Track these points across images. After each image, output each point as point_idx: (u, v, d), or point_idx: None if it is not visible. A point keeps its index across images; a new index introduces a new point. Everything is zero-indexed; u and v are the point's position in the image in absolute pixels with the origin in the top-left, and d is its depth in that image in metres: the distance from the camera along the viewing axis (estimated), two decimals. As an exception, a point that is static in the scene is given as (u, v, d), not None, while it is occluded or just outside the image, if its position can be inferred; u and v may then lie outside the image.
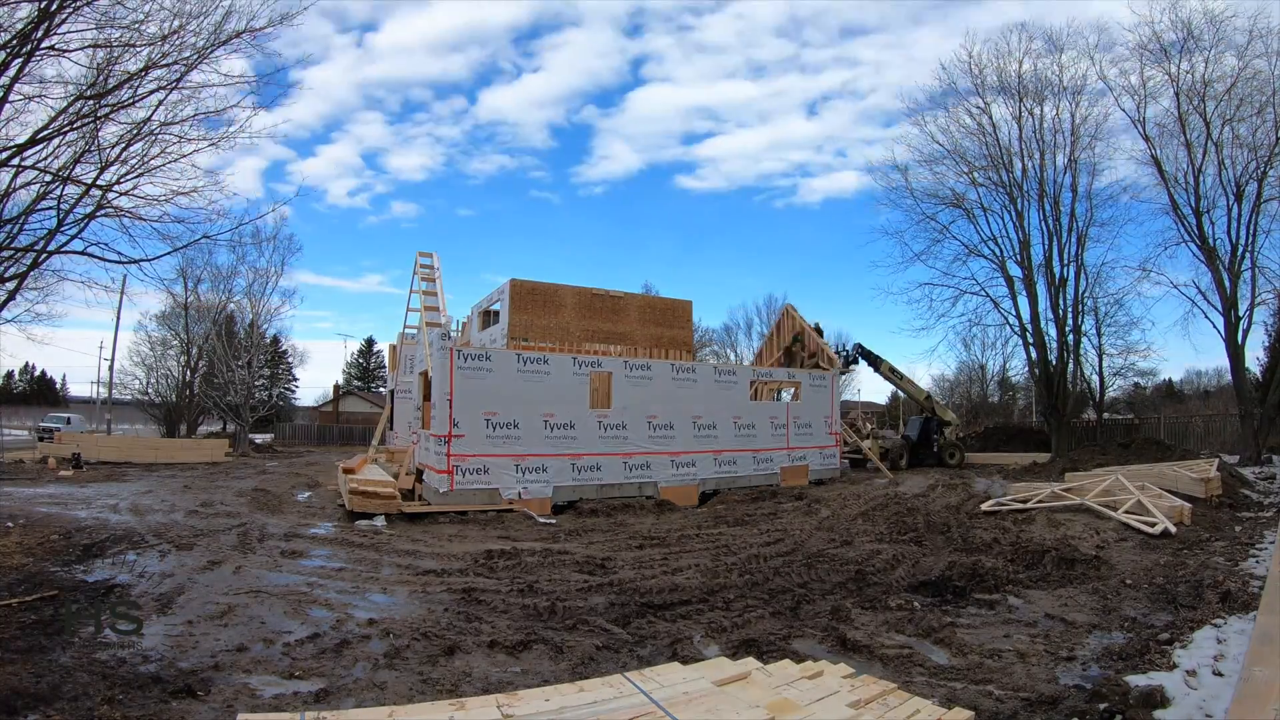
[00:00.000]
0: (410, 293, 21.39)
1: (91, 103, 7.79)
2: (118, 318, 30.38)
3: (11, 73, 7.30)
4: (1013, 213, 22.56)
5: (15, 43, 7.11)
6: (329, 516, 11.64)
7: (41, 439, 26.71)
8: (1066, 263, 22.20)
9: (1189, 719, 3.61)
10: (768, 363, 21.47)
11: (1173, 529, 9.06)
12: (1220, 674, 4.09)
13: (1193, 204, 20.05)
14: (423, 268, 20.17)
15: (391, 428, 22.84)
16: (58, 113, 7.76)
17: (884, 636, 5.28)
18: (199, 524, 10.10)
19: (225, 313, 31.22)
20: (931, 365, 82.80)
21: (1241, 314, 19.72)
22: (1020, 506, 10.80)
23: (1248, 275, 19.69)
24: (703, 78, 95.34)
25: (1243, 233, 19.57)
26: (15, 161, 7.60)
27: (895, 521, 10.14)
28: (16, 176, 7.80)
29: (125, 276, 11.76)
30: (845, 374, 21.86)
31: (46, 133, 7.65)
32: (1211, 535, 9.14)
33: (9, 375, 58.79)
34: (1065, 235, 22.20)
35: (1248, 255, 19.62)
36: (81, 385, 57.26)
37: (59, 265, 9.33)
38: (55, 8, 7.14)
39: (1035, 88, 21.94)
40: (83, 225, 8.19)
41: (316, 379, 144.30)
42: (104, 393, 36.84)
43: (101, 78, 7.90)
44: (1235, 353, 19.96)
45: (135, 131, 8.25)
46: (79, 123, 7.81)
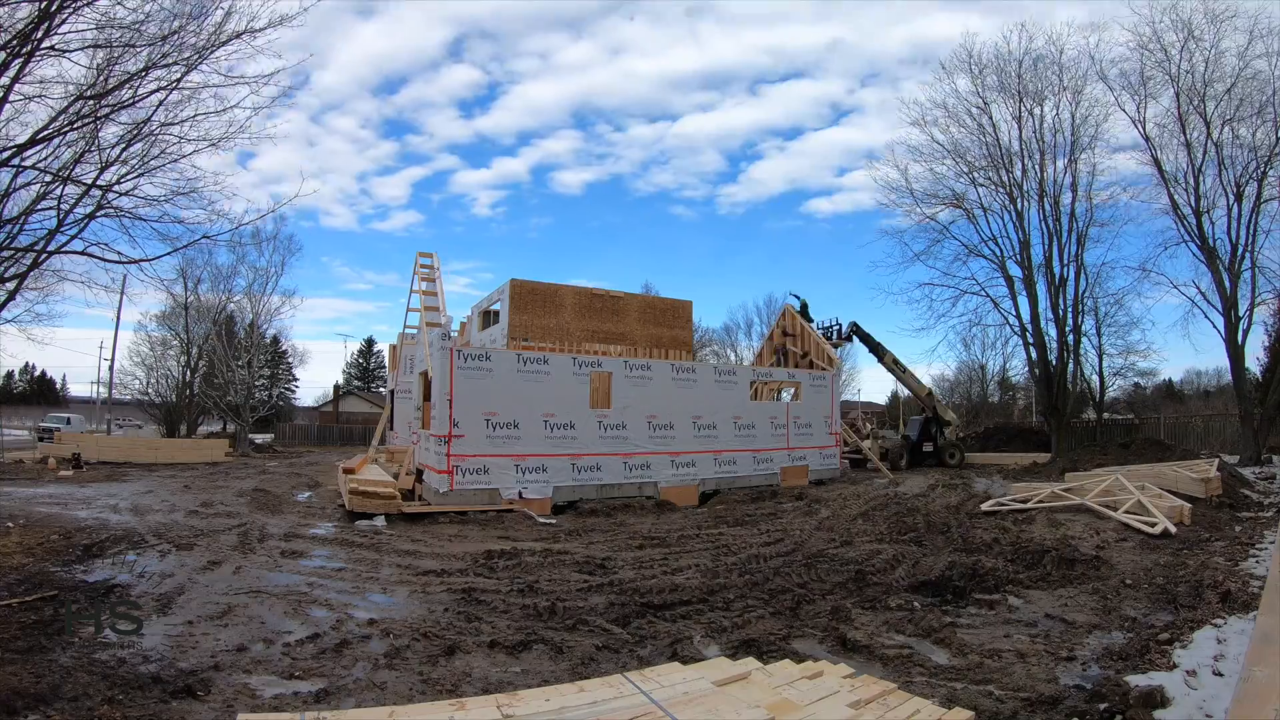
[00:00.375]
0: (410, 293, 21.39)
1: (91, 103, 7.78)
2: (118, 318, 30.41)
3: (11, 73, 7.29)
4: (1013, 213, 22.58)
5: (15, 43, 7.11)
6: (329, 517, 11.64)
7: (41, 439, 26.73)
8: (1066, 263, 22.23)
9: (1189, 719, 3.61)
10: (767, 363, 21.47)
11: (1173, 529, 9.06)
12: (1220, 674, 4.09)
13: (1193, 204, 20.07)
14: (423, 268, 20.14)
15: (391, 428, 22.84)
16: (58, 113, 7.75)
17: (884, 636, 5.28)
18: (199, 524, 10.10)
19: (225, 313, 31.23)
20: (931, 365, 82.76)
21: (1241, 314, 19.75)
22: (1020, 506, 10.81)
23: (1248, 275, 19.72)
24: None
25: (1243, 233, 19.60)
26: (15, 161, 7.60)
27: (895, 521, 10.14)
28: (16, 176, 7.80)
29: (125, 276, 11.74)
30: (839, 346, 21.97)
31: (46, 133, 7.64)
32: (1211, 535, 9.14)
33: (9, 375, 58.81)
34: (1065, 235, 22.23)
35: (1248, 255, 19.66)
36: (81, 385, 57.26)
37: (59, 265, 9.36)
38: (55, 8, 7.13)
39: (1035, 88, 21.96)
40: (83, 225, 8.19)
41: (317, 379, 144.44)
42: (104, 393, 36.86)
43: (101, 78, 7.90)
44: (1235, 353, 19.96)
45: (135, 132, 8.25)
46: (79, 123, 7.80)
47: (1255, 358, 21.99)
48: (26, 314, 11.00)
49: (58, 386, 63.63)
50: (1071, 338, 22.47)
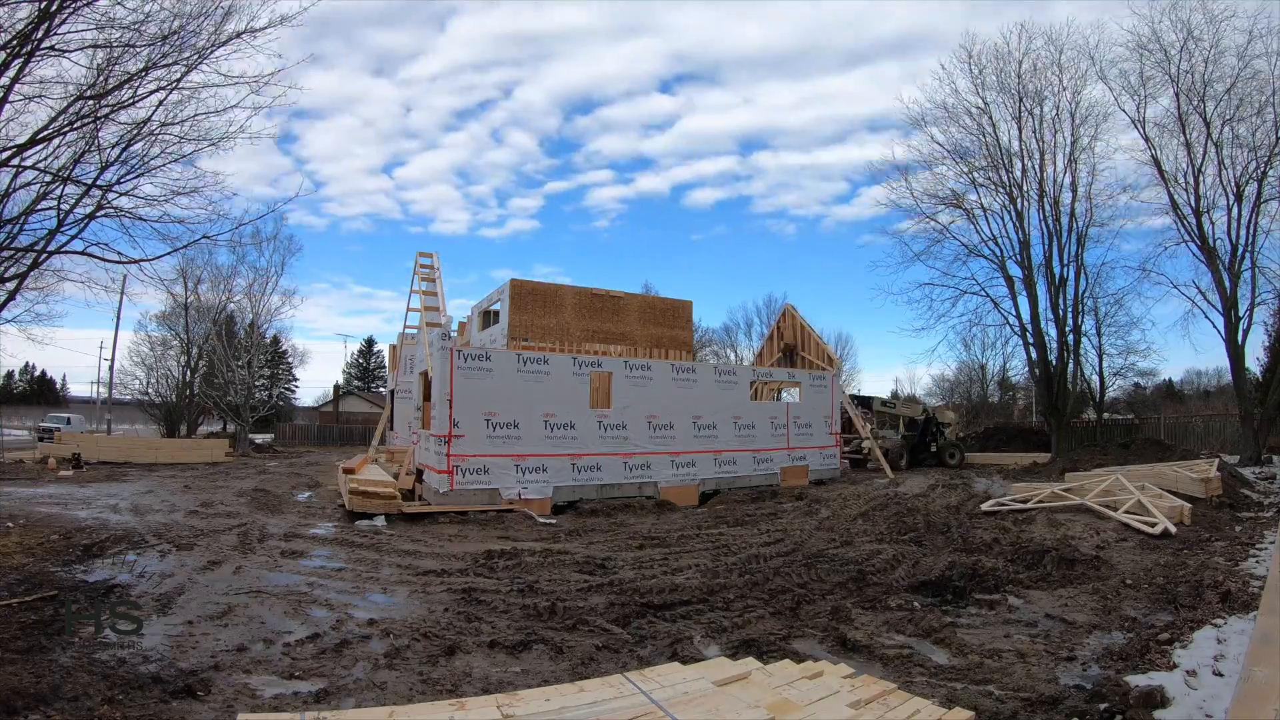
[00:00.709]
0: (410, 293, 21.39)
1: (91, 103, 7.78)
2: (118, 318, 30.47)
3: (11, 73, 7.29)
4: (1013, 213, 22.56)
5: (15, 43, 7.11)
6: (329, 517, 11.64)
7: (41, 439, 26.72)
8: (1066, 263, 22.22)
9: (1189, 719, 3.61)
10: (768, 363, 21.47)
11: (1173, 529, 9.06)
12: (1220, 674, 4.09)
13: (1193, 204, 20.06)
14: (423, 268, 20.14)
15: (391, 428, 22.84)
16: (58, 113, 7.75)
17: (884, 636, 5.28)
18: (199, 524, 10.10)
19: (225, 313, 31.23)
20: (931, 365, 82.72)
21: (1241, 314, 19.73)
22: (1020, 507, 10.81)
23: (1248, 275, 19.71)
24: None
25: (1243, 233, 19.59)
26: (15, 161, 7.59)
27: (895, 521, 10.14)
28: (16, 176, 7.80)
29: (125, 276, 11.75)
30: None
31: (46, 133, 7.64)
32: (1211, 535, 9.14)
33: (9, 375, 58.81)
34: (1065, 235, 22.21)
35: (1248, 255, 19.65)
36: (81, 385, 57.21)
37: (59, 265, 9.35)
38: (55, 8, 7.13)
39: (1035, 88, 21.96)
40: (83, 225, 8.18)
41: (317, 379, 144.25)
42: (104, 393, 36.85)
43: (101, 78, 7.90)
44: (1235, 353, 19.95)
45: (135, 132, 8.25)
46: (79, 123, 7.80)
47: (1255, 358, 22.03)
48: (26, 314, 10.98)
49: (58, 386, 63.64)
50: (1071, 338, 22.49)
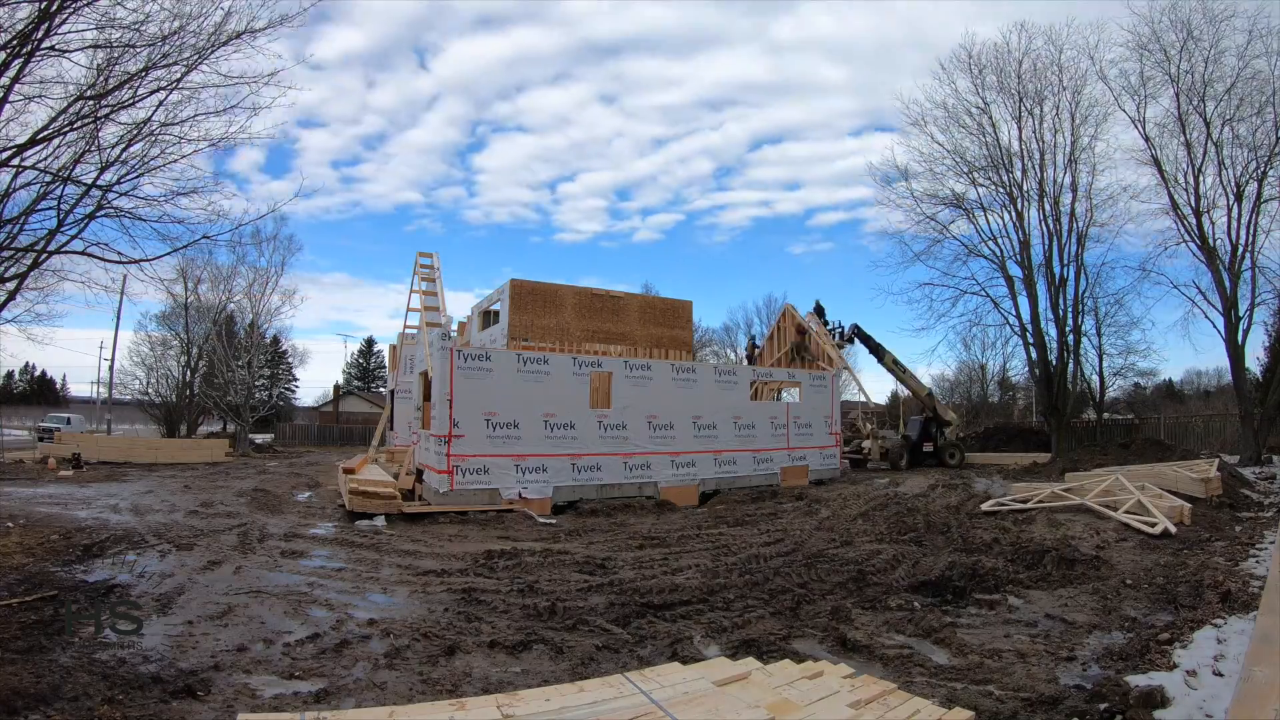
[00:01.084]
0: (410, 293, 21.40)
1: (91, 103, 7.78)
2: (118, 318, 30.46)
3: (11, 73, 7.28)
4: (1013, 213, 22.58)
5: (15, 43, 7.10)
6: (329, 517, 11.64)
7: (41, 439, 26.72)
8: (1066, 263, 22.23)
9: (1189, 719, 3.61)
10: (768, 363, 21.46)
11: (1173, 529, 9.06)
12: (1220, 674, 4.09)
13: (1193, 204, 20.07)
14: (423, 268, 20.13)
15: (392, 428, 22.83)
16: (58, 113, 7.74)
17: (884, 636, 5.28)
18: (199, 524, 10.10)
19: (225, 313, 31.22)
20: (931, 365, 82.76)
21: (1241, 314, 19.75)
22: (1020, 507, 10.80)
23: (1248, 275, 19.72)
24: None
25: (1243, 233, 19.61)
26: (15, 161, 7.59)
27: (895, 521, 10.13)
28: (16, 176, 7.79)
29: (125, 276, 11.72)
30: (841, 348, 22.03)
31: (46, 133, 7.64)
32: (1212, 535, 9.14)
33: (9, 375, 58.75)
34: (1065, 235, 22.22)
35: (1248, 255, 19.66)
36: (81, 385, 57.15)
37: (59, 265, 9.32)
38: (55, 8, 7.13)
39: (1035, 88, 21.96)
40: (83, 225, 8.18)
41: (317, 378, 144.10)
42: (104, 393, 36.86)
43: (101, 78, 7.89)
44: (1235, 353, 19.96)
45: (135, 132, 8.24)
46: (79, 123, 7.80)
47: (1255, 358, 22.04)
48: (26, 314, 10.96)
49: (58, 386, 63.62)
50: (1071, 338, 22.49)
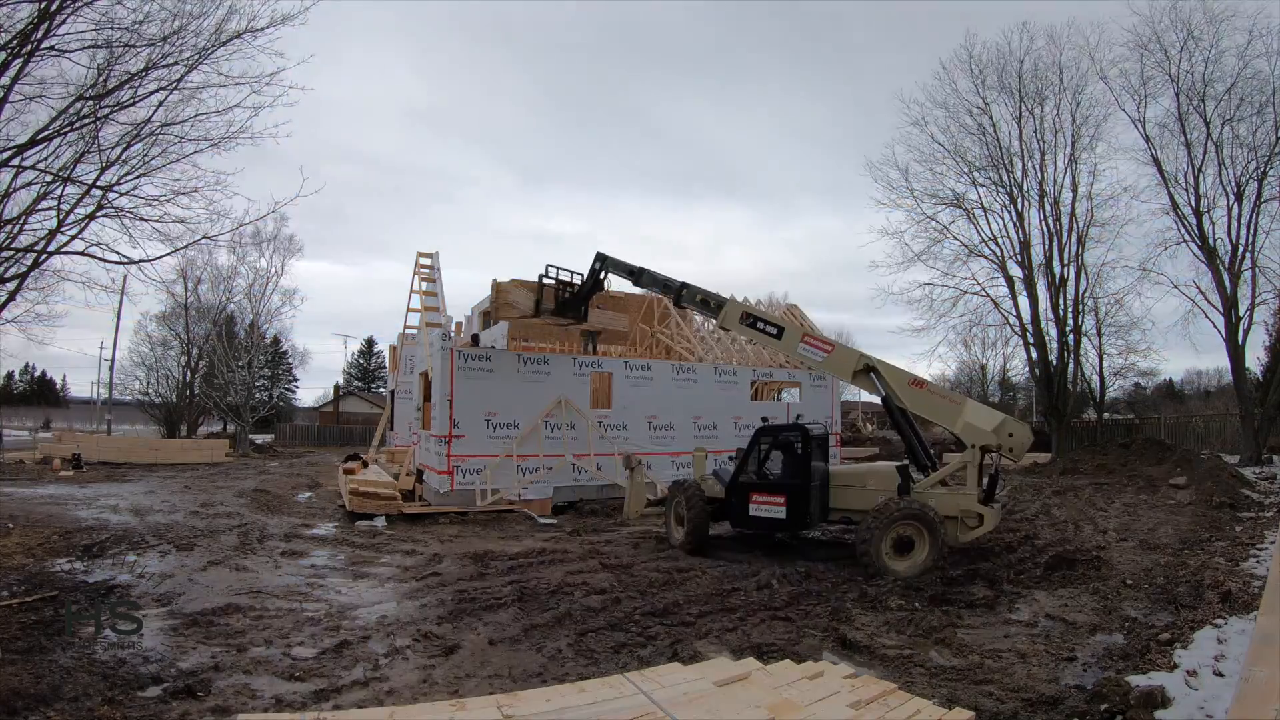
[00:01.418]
0: (410, 293, 21.41)
1: (92, 103, 7.77)
2: (118, 318, 30.42)
3: (12, 73, 7.28)
4: (1013, 213, 22.54)
5: (15, 43, 7.10)
6: (329, 517, 11.64)
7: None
8: (1067, 263, 22.18)
9: (1190, 719, 3.61)
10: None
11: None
12: (1221, 674, 4.09)
13: (1193, 204, 20.04)
14: (423, 268, 20.17)
15: (392, 428, 22.84)
16: (58, 113, 7.73)
17: (884, 637, 5.28)
18: (199, 524, 10.09)
19: (225, 313, 31.20)
20: (931, 365, 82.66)
21: (1242, 314, 19.70)
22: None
23: (1248, 275, 19.67)
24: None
25: (1243, 233, 19.56)
26: (15, 161, 7.58)
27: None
28: (17, 176, 7.79)
29: (125, 276, 11.72)
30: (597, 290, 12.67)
31: (47, 133, 7.63)
32: (1212, 535, 9.14)
33: (9, 375, 58.81)
34: (1065, 235, 22.18)
35: (1248, 255, 19.61)
36: (81, 385, 57.25)
37: (59, 265, 9.32)
38: (55, 8, 7.13)
39: (1035, 88, 21.95)
40: (83, 225, 8.16)
41: (317, 378, 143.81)
42: (104, 393, 36.87)
43: (102, 78, 7.88)
44: (1235, 353, 19.93)
45: (135, 132, 8.23)
46: (79, 123, 7.79)
47: (1255, 358, 21.97)
48: (26, 314, 10.98)
49: (58, 387, 63.68)
50: (1072, 338, 22.44)
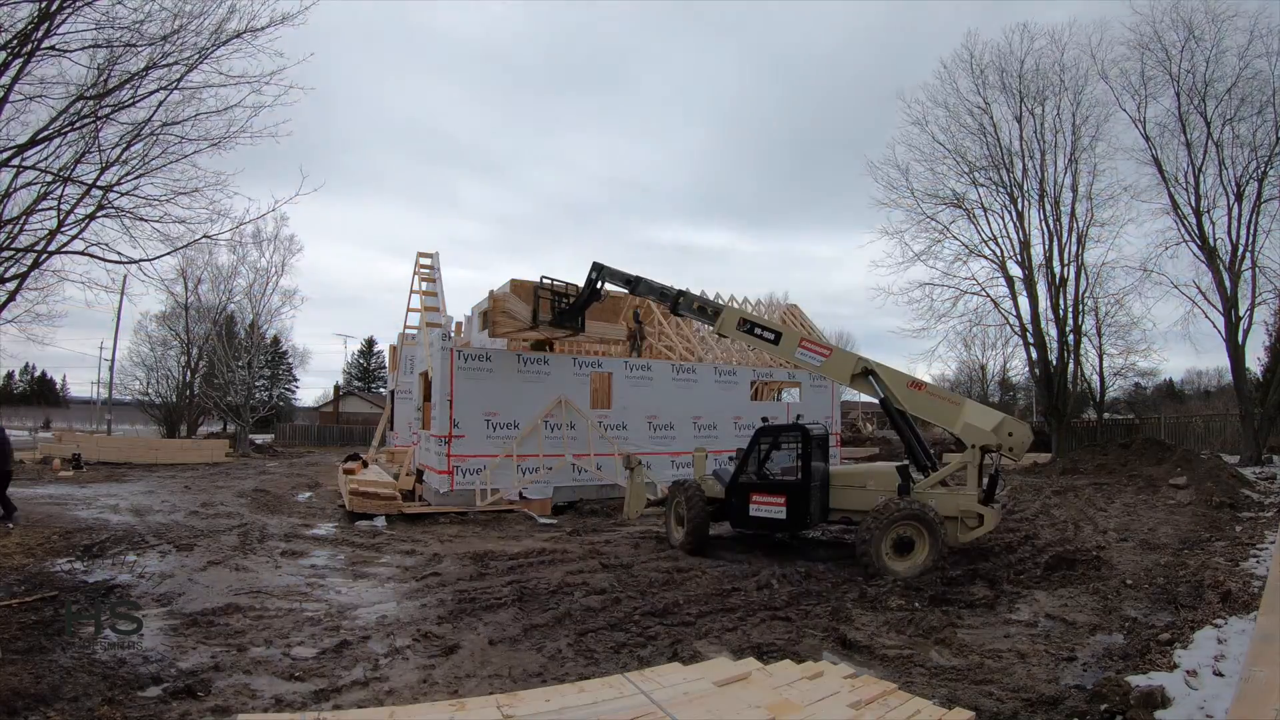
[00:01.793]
0: (410, 293, 21.41)
1: (92, 103, 7.77)
2: (118, 318, 30.42)
3: (12, 73, 7.28)
4: (1013, 213, 22.55)
5: (15, 43, 7.10)
6: (329, 517, 11.64)
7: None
8: (1067, 263, 22.19)
9: (1190, 719, 3.61)
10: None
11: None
12: (1221, 674, 4.09)
13: (1193, 204, 20.04)
14: (423, 268, 20.16)
15: (392, 428, 22.83)
16: (58, 113, 7.73)
17: (884, 637, 5.28)
18: (199, 524, 10.10)
19: (225, 313, 31.19)
20: (931, 365, 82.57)
21: (1242, 314, 19.71)
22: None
23: (1248, 275, 19.67)
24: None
25: (1243, 233, 19.57)
26: (15, 161, 7.58)
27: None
28: (17, 176, 7.79)
29: (125, 276, 11.71)
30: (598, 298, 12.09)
31: (47, 133, 7.63)
32: (1212, 535, 9.14)
33: (9, 375, 58.84)
34: (1066, 235, 22.19)
35: (1248, 255, 19.62)
36: (81, 385, 57.26)
37: (59, 265, 9.31)
38: (55, 8, 7.12)
39: (1036, 87, 21.95)
40: (83, 225, 8.17)
41: (317, 376, 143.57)
42: (104, 393, 36.87)
43: (102, 78, 7.88)
44: (1236, 353, 19.93)
45: (136, 132, 8.23)
46: (79, 123, 7.79)
47: (1256, 358, 21.97)
48: (26, 314, 10.97)
49: (58, 387, 63.67)
50: (1072, 338, 22.44)
